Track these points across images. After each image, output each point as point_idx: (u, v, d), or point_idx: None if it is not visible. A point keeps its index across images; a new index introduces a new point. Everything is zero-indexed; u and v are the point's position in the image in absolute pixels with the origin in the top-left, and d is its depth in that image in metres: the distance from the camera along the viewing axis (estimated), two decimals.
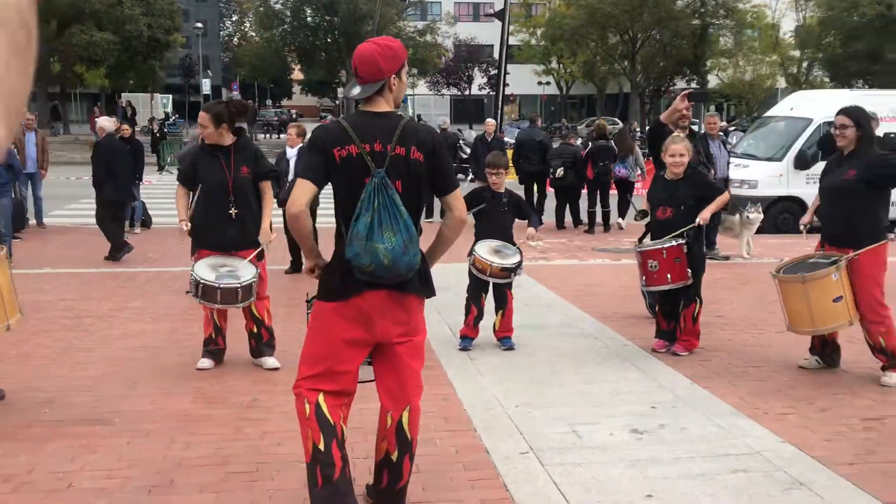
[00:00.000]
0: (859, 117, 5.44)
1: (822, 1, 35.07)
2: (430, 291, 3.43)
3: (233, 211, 5.44)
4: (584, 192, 13.34)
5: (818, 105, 14.00)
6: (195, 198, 5.68)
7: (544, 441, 4.39)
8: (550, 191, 13.60)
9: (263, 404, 4.93)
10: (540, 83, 52.94)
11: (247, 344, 5.75)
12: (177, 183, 5.90)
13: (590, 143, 13.41)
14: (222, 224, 5.44)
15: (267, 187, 5.67)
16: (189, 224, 5.64)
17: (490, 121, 14.72)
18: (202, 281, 5.27)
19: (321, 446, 3.18)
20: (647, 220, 6.35)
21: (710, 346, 6.32)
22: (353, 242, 3.11)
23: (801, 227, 6.10)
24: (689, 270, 5.94)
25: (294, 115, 52.74)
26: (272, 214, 5.73)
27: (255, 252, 5.54)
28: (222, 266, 5.40)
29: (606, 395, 5.17)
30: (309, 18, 43.96)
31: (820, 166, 12.29)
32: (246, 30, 68.44)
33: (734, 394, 5.21)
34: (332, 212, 3.34)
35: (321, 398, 3.24)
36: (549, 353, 6.11)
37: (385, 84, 3.25)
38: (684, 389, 5.29)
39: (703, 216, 5.94)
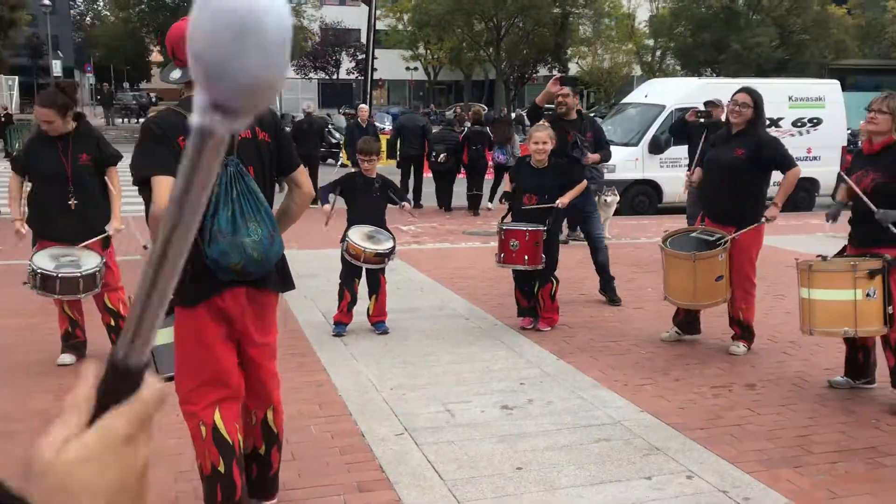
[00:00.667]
0: (758, 99, 5.67)
1: None
2: (289, 284, 3.32)
3: (72, 201, 5.15)
4: (462, 176, 13.91)
5: (670, 92, 14.77)
6: (31, 188, 5.37)
7: (419, 421, 4.49)
8: (428, 175, 14.06)
9: None
10: (408, 68, 53.04)
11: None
12: (11, 172, 5.52)
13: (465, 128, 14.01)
14: (61, 215, 5.15)
15: (113, 173, 5.40)
16: (24, 225, 5.32)
17: (363, 106, 14.87)
18: (39, 270, 4.98)
19: (221, 469, 3.07)
20: (509, 201, 6.55)
21: (574, 323, 6.62)
22: (216, 240, 2.89)
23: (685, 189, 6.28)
24: (544, 256, 6.18)
25: (154, 99, 50.53)
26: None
27: (99, 239, 5.30)
28: (64, 256, 5.15)
29: (478, 374, 5.33)
30: None
31: (672, 151, 13.13)
32: (99, 9, 64.88)
33: (596, 367, 5.49)
34: None
35: (217, 417, 3.07)
36: (423, 335, 6.22)
37: None
38: (550, 365, 5.53)
39: (563, 200, 6.21)
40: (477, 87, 53.57)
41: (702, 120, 9.22)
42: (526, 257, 6.15)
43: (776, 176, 5.81)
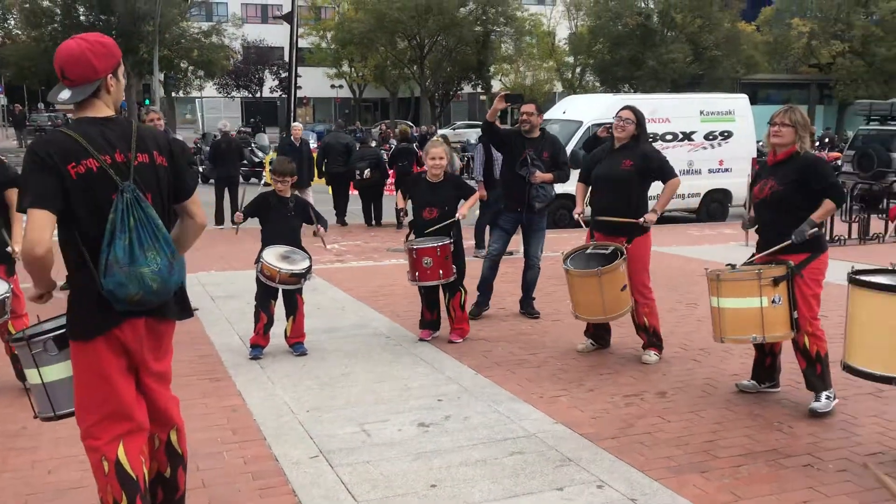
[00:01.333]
0: (640, 116, 6.00)
1: (591, 11, 37.80)
2: (187, 312, 3.24)
3: None
4: (390, 193, 14.39)
5: (588, 108, 15.10)
6: None
7: (334, 443, 4.46)
8: (354, 192, 14.53)
9: (32, 431, 4.62)
10: (333, 86, 52.92)
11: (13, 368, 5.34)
12: None
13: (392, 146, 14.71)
14: None
15: (13, 195, 5.23)
16: None
17: (297, 125, 15.03)
18: None
19: None
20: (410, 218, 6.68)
21: (494, 338, 6.68)
22: (112, 272, 2.80)
23: (577, 217, 6.45)
24: (454, 267, 6.32)
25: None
26: None
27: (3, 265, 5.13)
28: None
29: (396, 392, 5.32)
30: (82, 17, 41.14)
31: None
32: (10, 27, 62.72)
33: (514, 381, 5.55)
34: None
35: (121, 451, 2.98)
36: (342, 355, 6.19)
37: (101, 85, 2.93)
38: (469, 380, 5.56)
39: (461, 212, 6.39)
40: (403, 104, 53.78)
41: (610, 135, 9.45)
42: (441, 272, 6.25)
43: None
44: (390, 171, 14.41)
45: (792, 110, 4.94)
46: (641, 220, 5.81)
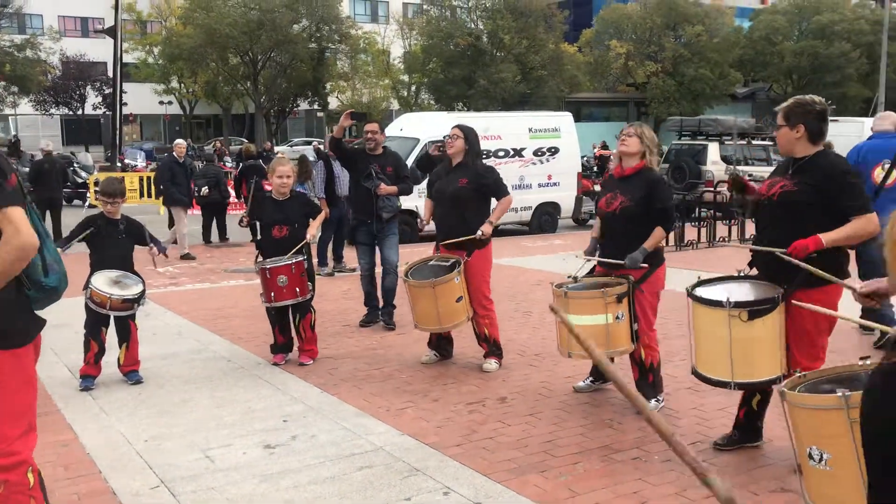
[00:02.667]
0: (468, 133, 6.23)
1: (423, 30, 38.56)
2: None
3: None
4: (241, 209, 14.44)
5: (424, 126, 15.42)
6: None
7: (176, 471, 4.32)
8: (195, 212, 14.57)
9: None
10: (161, 103, 50.86)
11: None
12: None
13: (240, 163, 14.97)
14: None
15: None
16: None
17: (180, 142, 14.62)
18: None
19: None
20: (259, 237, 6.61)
21: (339, 355, 6.69)
22: (52, 269, 2.95)
23: (422, 226, 6.68)
24: (310, 284, 6.29)
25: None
26: None
27: None
28: None
29: (240, 416, 5.23)
30: None
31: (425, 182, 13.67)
32: None
33: (360, 396, 5.60)
34: None
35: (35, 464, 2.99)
36: (181, 381, 5.99)
37: None
38: (314, 399, 5.55)
39: (311, 232, 6.38)
40: (237, 120, 52.48)
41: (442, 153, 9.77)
42: (297, 289, 6.20)
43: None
44: (234, 188, 14.69)
45: (641, 125, 5.22)
46: (479, 233, 6.02)
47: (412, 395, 5.64)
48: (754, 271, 4.38)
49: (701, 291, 4.25)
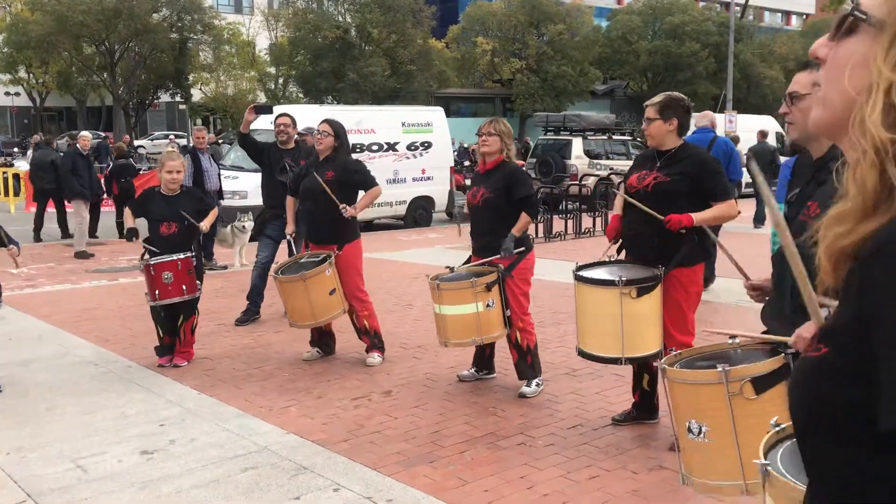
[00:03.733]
0: (338, 128, 6.16)
1: (290, 22, 37.80)
2: None
3: None
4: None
5: (296, 119, 15.12)
6: None
7: (44, 483, 4.06)
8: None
9: None
10: (8, 94, 47.53)
11: None
12: None
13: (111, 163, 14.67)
14: None
15: None
16: None
17: (85, 134, 13.76)
18: None
19: None
20: (136, 238, 6.34)
21: (215, 355, 6.48)
22: None
23: (289, 236, 6.53)
24: (198, 282, 6.07)
25: None
26: None
27: None
28: None
29: (112, 422, 4.97)
30: None
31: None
32: None
33: (240, 396, 5.44)
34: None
35: None
36: (44, 389, 5.63)
37: None
38: (192, 401, 5.35)
39: (205, 224, 6.18)
40: (93, 113, 49.75)
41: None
42: (184, 287, 5.97)
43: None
44: (105, 187, 14.20)
45: (496, 121, 5.39)
46: (341, 207, 5.94)
47: (295, 393, 5.54)
48: (622, 256, 4.61)
49: (587, 274, 4.41)
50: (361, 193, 6.28)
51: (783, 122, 2.91)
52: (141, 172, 16.00)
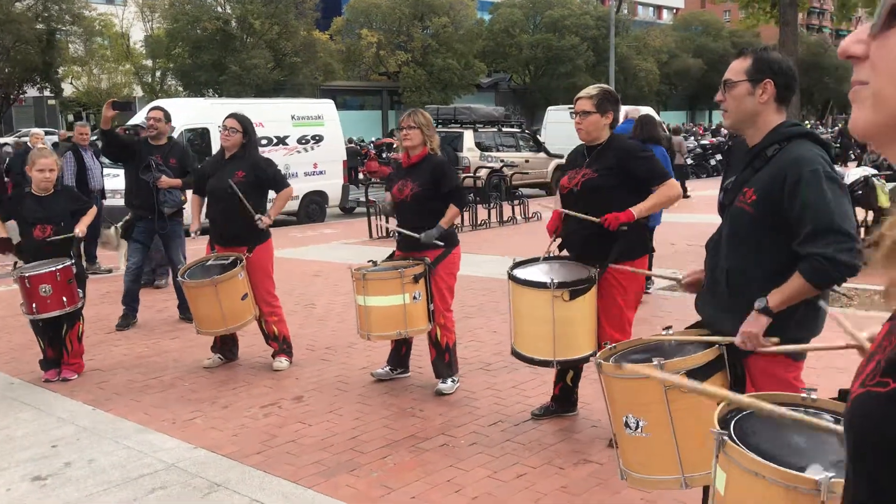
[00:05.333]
0: (246, 123, 5.84)
1: (166, 13, 36.24)
2: None
3: None
4: None
5: (177, 113, 14.48)
6: None
7: None
8: None
9: None
10: None
11: None
12: None
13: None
14: None
15: None
16: None
17: (37, 131, 12.72)
18: None
19: None
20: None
21: (108, 366, 6.07)
22: None
23: (193, 234, 6.19)
24: (80, 291, 5.65)
25: None
26: None
27: None
28: None
29: None
30: None
31: None
32: None
33: (139, 410, 5.10)
34: None
35: None
36: None
37: None
38: (86, 418, 4.97)
39: (80, 228, 5.73)
40: None
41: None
42: (64, 298, 5.55)
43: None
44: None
45: (415, 113, 5.24)
46: (256, 218, 5.70)
47: (199, 403, 5.23)
48: (564, 252, 4.53)
49: (521, 273, 4.31)
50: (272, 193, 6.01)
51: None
52: None
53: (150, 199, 7.12)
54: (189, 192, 7.11)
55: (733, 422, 2.10)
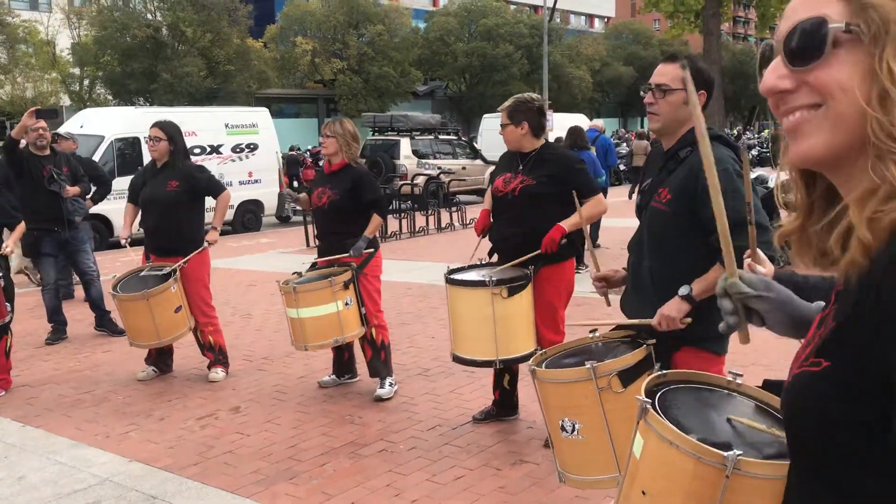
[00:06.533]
0: (171, 131, 5.74)
1: (94, 21, 35.40)
2: None
3: None
4: None
5: (108, 122, 14.21)
6: None
7: None
8: None
9: None
10: None
11: None
12: None
13: None
14: None
15: None
16: None
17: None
18: None
19: None
20: None
21: (36, 381, 5.92)
22: None
23: (123, 241, 6.07)
24: (8, 305, 5.51)
25: None
26: None
27: None
28: None
29: None
30: None
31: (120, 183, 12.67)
32: None
33: (72, 425, 4.99)
34: None
35: None
36: None
37: None
38: (15, 434, 4.84)
39: (9, 244, 5.65)
40: None
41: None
42: None
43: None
44: None
45: (335, 122, 5.29)
46: (206, 243, 5.70)
47: (134, 416, 5.15)
48: (494, 258, 4.60)
49: (458, 276, 4.35)
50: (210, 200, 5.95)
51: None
52: None
53: (56, 210, 6.95)
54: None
55: (659, 394, 2.18)
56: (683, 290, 2.84)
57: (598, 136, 12.92)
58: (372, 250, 5.27)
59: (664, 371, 2.29)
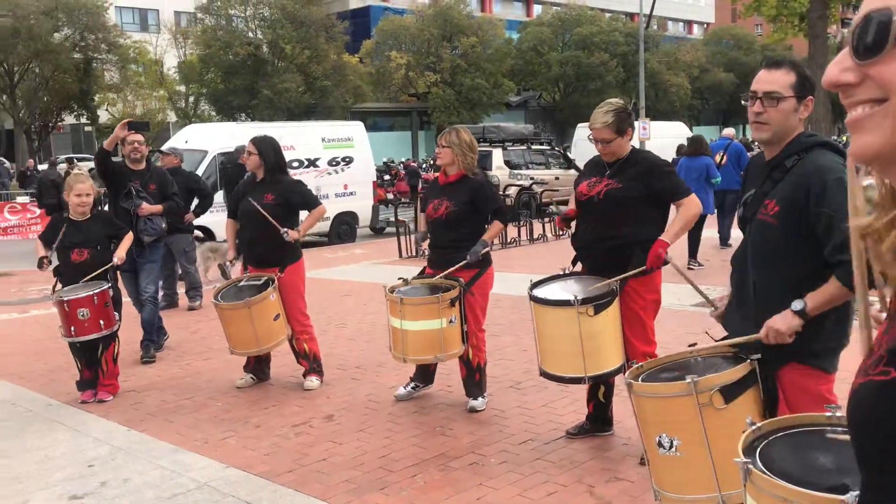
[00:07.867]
0: (261, 146, 5.91)
1: (199, 40, 36.95)
2: None
3: None
4: None
5: (211, 137, 14.74)
6: None
7: None
8: None
9: None
10: None
11: None
12: None
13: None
14: None
15: None
16: None
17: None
18: None
19: None
20: (53, 265, 5.97)
21: (141, 387, 6.15)
22: None
23: (230, 263, 6.30)
24: (116, 314, 5.76)
25: None
26: None
27: None
28: None
29: (35, 466, 4.63)
30: None
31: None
32: None
33: (172, 430, 5.16)
34: None
35: None
36: None
37: None
38: (121, 438, 5.04)
39: (119, 255, 5.88)
40: None
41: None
42: (101, 322, 5.66)
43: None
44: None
45: (451, 132, 5.25)
46: (283, 231, 5.74)
47: (232, 423, 5.28)
48: (578, 267, 4.50)
49: (542, 293, 4.26)
50: (304, 214, 6.08)
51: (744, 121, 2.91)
52: None
53: (130, 226, 6.70)
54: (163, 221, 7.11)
55: (759, 448, 2.10)
56: (797, 305, 2.70)
57: (730, 143, 12.50)
58: (483, 266, 5.18)
59: (756, 424, 2.19)
